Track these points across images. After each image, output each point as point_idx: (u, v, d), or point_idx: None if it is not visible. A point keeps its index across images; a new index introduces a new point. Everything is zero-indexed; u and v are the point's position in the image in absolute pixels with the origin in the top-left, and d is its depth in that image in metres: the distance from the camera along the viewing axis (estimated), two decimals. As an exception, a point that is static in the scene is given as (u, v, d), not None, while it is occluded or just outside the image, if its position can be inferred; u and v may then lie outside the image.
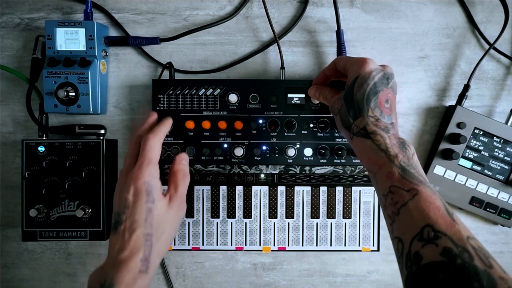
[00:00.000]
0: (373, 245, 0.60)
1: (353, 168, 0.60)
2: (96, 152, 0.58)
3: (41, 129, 0.60)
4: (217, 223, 0.61)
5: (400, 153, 0.43)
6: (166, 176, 0.60)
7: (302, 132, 0.58)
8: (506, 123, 0.60)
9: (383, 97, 0.46)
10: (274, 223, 0.61)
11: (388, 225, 0.42)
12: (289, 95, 0.58)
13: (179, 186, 0.49)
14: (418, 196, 0.39)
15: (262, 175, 0.61)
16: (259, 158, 0.58)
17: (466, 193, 0.61)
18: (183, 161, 0.51)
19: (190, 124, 0.58)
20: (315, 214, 0.61)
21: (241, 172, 0.60)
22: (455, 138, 0.59)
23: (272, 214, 0.61)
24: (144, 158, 0.46)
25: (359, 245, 0.61)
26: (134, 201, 0.44)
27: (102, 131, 0.60)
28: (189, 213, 0.61)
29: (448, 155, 0.59)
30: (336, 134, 0.58)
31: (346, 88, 0.48)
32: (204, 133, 0.58)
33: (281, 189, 0.61)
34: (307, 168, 0.60)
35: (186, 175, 0.50)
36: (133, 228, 0.43)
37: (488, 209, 0.61)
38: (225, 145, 0.58)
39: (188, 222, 0.61)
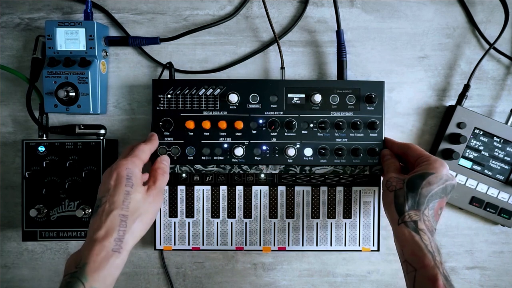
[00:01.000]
0: (373, 245, 0.60)
1: (353, 168, 0.60)
2: (96, 152, 0.58)
3: (41, 129, 0.60)
4: (217, 223, 0.61)
5: (442, 260, 0.45)
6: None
7: (302, 132, 0.58)
8: (506, 123, 0.60)
9: (441, 204, 0.50)
10: (274, 223, 0.61)
11: None
12: (289, 95, 0.58)
13: (158, 180, 0.52)
14: None
15: (262, 175, 0.61)
16: (259, 158, 0.58)
17: (466, 193, 0.61)
18: (163, 161, 0.55)
19: (190, 124, 0.58)
20: (315, 214, 0.61)
21: (241, 172, 0.60)
22: (455, 138, 0.59)
23: (272, 214, 0.61)
24: (132, 153, 0.50)
25: (359, 245, 0.61)
26: (114, 185, 0.46)
27: (102, 131, 0.60)
28: (189, 213, 0.61)
29: (448, 155, 0.59)
30: (336, 134, 0.58)
31: (412, 174, 0.50)
32: (204, 133, 0.58)
33: (281, 189, 0.61)
34: (307, 168, 0.60)
35: (166, 172, 0.54)
36: (111, 209, 0.45)
37: (488, 209, 0.61)
38: (225, 145, 0.58)
39: (188, 222, 0.61)
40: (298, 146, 0.58)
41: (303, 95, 0.58)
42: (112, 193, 0.46)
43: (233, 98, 0.57)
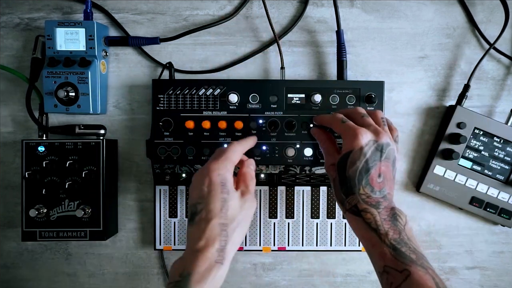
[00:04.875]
0: (373, 245, 0.60)
1: (353, 168, 0.60)
2: (96, 152, 0.58)
3: (41, 129, 0.60)
4: (217, 223, 0.61)
5: (391, 229, 0.43)
6: (167, 176, 0.60)
7: (302, 132, 0.58)
8: (506, 123, 0.60)
9: (375, 173, 0.46)
10: (274, 223, 0.61)
11: None
12: (289, 95, 0.58)
13: (249, 185, 0.49)
14: (410, 278, 0.39)
15: (262, 175, 0.61)
16: (259, 158, 0.58)
17: (466, 193, 0.61)
18: (251, 165, 0.52)
19: (190, 124, 0.57)
20: (315, 214, 0.61)
21: (241, 172, 0.60)
22: (455, 138, 0.59)
23: (272, 214, 0.61)
24: (222, 154, 0.47)
25: (359, 245, 0.61)
26: (209, 191, 0.44)
27: (102, 131, 0.60)
28: (189, 213, 0.61)
29: (448, 155, 0.59)
30: (336, 134, 0.58)
31: (340, 158, 0.48)
32: (204, 133, 0.58)
33: (281, 189, 0.61)
34: (307, 168, 0.60)
35: (253, 178, 0.51)
36: (209, 218, 0.43)
37: (488, 209, 0.61)
38: (225, 145, 0.58)
39: (188, 222, 0.61)
40: (298, 146, 0.58)
41: (303, 95, 0.58)
42: (208, 200, 0.44)
43: (233, 98, 0.57)
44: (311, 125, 0.57)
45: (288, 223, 0.61)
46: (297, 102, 0.58)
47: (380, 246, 0.42)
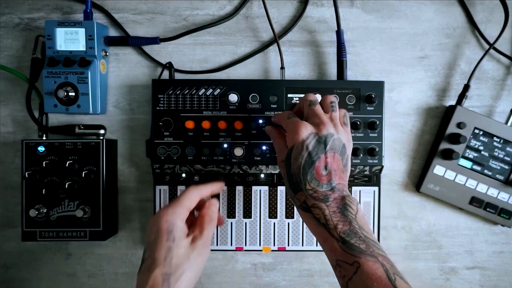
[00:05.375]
0: (373, 245, 0.60)
1: (353, 168, 0.60)
2: (96, 152, 0.58)
3: (41, 129, 0.60)
4: (217, 223, 0.61)
5: (340, 221, 0.42)
6: (167, 177, 0.60)
7: (302, 132, 0.58)
8: (506, 123, 0.60)
9: (320, 165, 0.45)
10: (274, 223, 0.61)
11: None
12: (289, 95, 0.58)
13: (204, 229, 0.48)
14: (360, 269, 0.39)
15: (262, 175, 0.61)
16: (259, 158, 0.58)
17: (466, 193, 0.61)
18: (212, 206, 0.51)
19: (190, 124, 0.57)
20: (315, 214, 0.61)
21: (241, 172, 0.60)
22: (455, 138, 0.59)
23: (272, 214, 0.61)
24: (176, 201, 0.47)
25: (359, 245, 0.61)
26: (155, 238, 0.44)
27: (102, 131, 0.60)
28: (189, 213, 0.61)
29: (448, 155, 0.59)
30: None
31: (286, 154, 0.47)
32: (204, 133, 0.58)
33: (281, 189, 0.61)
34: (307, 168, 0.60)
35: (213, 220, 0.50)
36: (152, 268, 0.43)
37: (488, 209, 0.61)
38: (225, 145, 0.58)
39: (188, 222, 0.61)
40: (298, 146, 0.58)
41: (303, 95, 0.58)
42: (153, 248, 0.44)
43: (233, 98, 0.57)
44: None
45: (288, 223, 0.61)
46: (297, 102, 0.58)
47: (331, 240, 0.42)
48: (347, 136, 0.48)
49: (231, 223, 0.61)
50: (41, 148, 0.58)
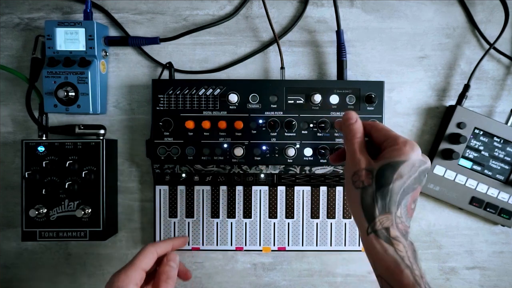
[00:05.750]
0: (373, 245, 0.60)
1: (353, 168, 0.60)
2: (96, 152, 0.58)
3: (41, 129, 0.60)
4: (217, 223, 0.61)
5: (422, 270, 0.37)
6: (167, 176, 0.60)
7: (302, 132, 0.58)
8: (506, 123, 0.60)
9: (415, 196, 0.40)
10: (274, 223, 0.61)
11: None
12: (289, 95, 0.58)
13: None
14: None
15: (262, 175, 0.61)
16: (259, 158, 0.58)
17: (466, 193, 0.61)
18: (170, 262, 0.49)
19: (190, 124, 0.57)
20: (315, 214, 0.61)
21: (241, 172, 0.60)
22: (455, 138, 0.59)
23: (272, 214, 0.61)
24: (131, 263, 0.47)
25: (359, 245, 0.61)
26: None
27: (102, 131, 0.60)
28: (189, 213, 0.61)
29: (448, 155, 0.59)
30: (336, 134, 0.58)
31: (381, 165, 0.39)
32: (204, 133, 0.58)
33: (281, 189, 0.61)
34: (307, 168, 0.60)
35: (171, 278, 0.48)
36: None
37: (488, 209, 0.61)
38: (225, 145, 0.58)
39: (188, 222, 0.61)
40: (298, 146, 0.58)
41: (303, 95, 0.58)
42: None
43: (233, 98, 0.57)
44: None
45: (288, 223, 0.61)
46: (297, 102, 0.58)
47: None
48: None
49: (231, 223, 0.61)
50: (41, 148, 0.58)
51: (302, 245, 0.61)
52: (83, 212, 0.56)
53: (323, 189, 0.61)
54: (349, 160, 0.42)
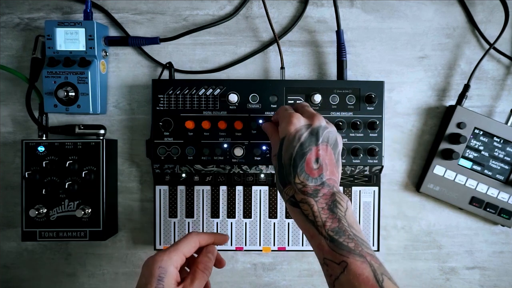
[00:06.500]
0: (373, 245, 0.60)
1: (353, 168, 0.60)
2: (96, 152, 0.58)
3: (41, 129, 0.60)
4: (217, 223, 0.61)
5: (328, 219, 0.42)
6: (167, 177, 0.60)
7: (302, 132, 0.58)
8: (506, 123, 0.60)
9: (311, 158, 0.44)
10: (274, 223, 0.61)
11: None
12: (289, 95, 0.58)
13: (196, 278, 0.46)
14: (347, 269, 0.38)
15: (262, 175, 0.61)
16: (259, 158, 0.58)
17: (466, 193, 0.61)
18: (209, 254, 0.50)
19: (190, 124, 0.57)
20: (315, 214, 0.61)
21: (241, 172, 0.60)
22: (455, 138, 0.59)
23: (272, 214, 0.61)
24: (174, 246, 0.47)
25: (359, 245, 0.61)
26: (145, 283, 0.43)
27: (102, 131, 0.60)
28: (189, 213, 0.61)
29: (448, 155, 0.59)
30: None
31: (278, 146, 0.46)
32: (204, 133, 0.58)
33: (281, 189, 0.61)
34: (307, 168, 0.60)
35: (207, 268, 0.48)
36: None
37: (488, 209, 0.61)
38: (225, 145, 0.58)
39: (188, 222, 0.61)
40: (298, 146, 0.58)
41: (303, 95, 0.58)
42: None
43: (233, 98, 0.57)
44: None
45: (288, 223, 0.61)
46: (297, 102, 0.58)
47: (318, 238, 0.41)
48: (338, 133, 0.48)
49: (231, 223, 0.61)
50: (41, 148, 0.58)
51: (302, 245, 0.61)
52: (83, 212, 0.56)
53: (323, 189, 0.61)
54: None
